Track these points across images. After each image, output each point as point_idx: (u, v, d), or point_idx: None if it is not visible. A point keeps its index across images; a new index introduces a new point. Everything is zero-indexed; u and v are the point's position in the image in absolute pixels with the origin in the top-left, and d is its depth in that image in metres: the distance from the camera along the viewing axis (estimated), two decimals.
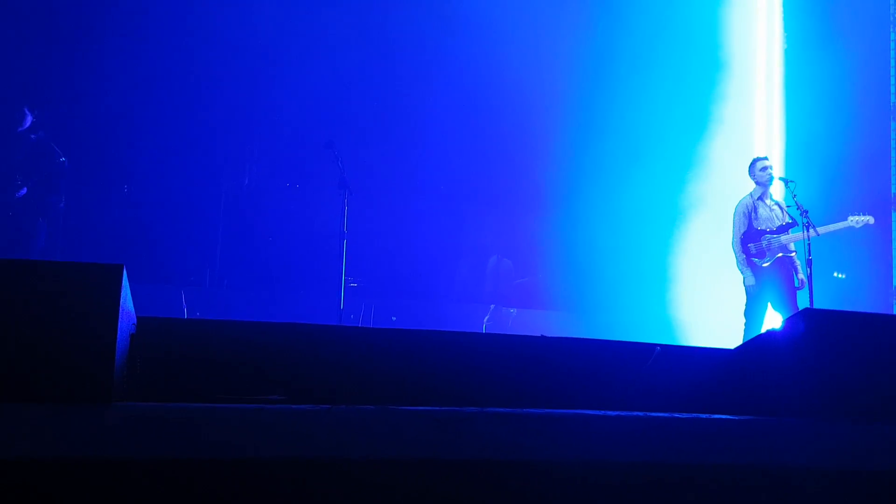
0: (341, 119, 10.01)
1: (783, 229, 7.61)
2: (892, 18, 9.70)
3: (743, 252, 7.66)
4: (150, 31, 9.29)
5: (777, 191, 8.15)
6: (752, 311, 7.62)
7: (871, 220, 7.58)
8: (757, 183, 7.83)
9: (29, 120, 7.74)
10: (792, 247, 7.54)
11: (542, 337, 4.38)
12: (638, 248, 10.03)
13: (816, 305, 7.13)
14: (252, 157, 9.63)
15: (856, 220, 7.57)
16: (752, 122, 10.78)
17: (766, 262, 7.56)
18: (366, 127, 10.47)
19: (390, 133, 9.91)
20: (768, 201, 7.80)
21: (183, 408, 3.16)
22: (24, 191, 7.56)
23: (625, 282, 9.90)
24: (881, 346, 3.88)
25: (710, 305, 9.97)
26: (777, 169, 8.73)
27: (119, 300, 3.21)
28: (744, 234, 7.68)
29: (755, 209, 7.72)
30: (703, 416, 3.60)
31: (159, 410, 3.13)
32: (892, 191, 9.41)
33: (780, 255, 7.57)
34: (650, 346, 4.21)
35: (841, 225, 7.61)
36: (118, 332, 3.20)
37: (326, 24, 10.15)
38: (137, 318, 3.53)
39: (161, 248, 8.86)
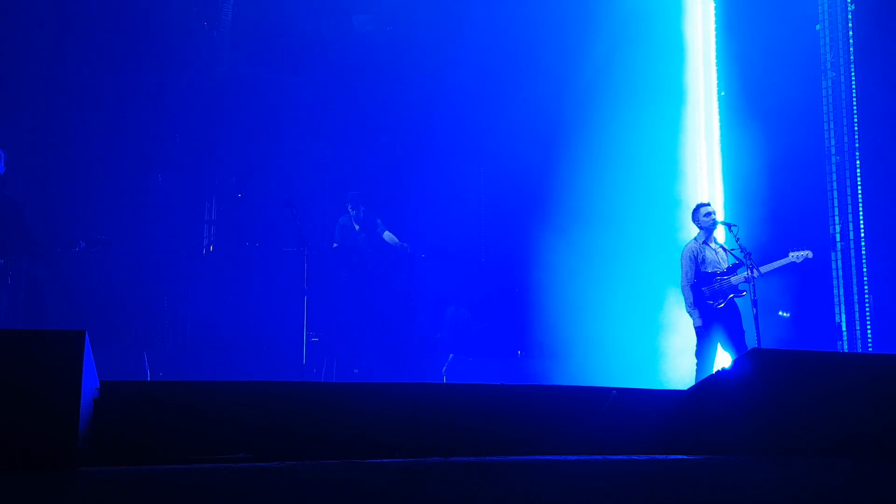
0: (299, 177, 10.09)
1: (731, 271, 7.85)
2: (822, 66, 10.12)
3: (694, 295, 7.86)
4: (106, 93, 9.28)
5: (720, 235, 8.41)
6: (703, 352, 7.80)
7: (809, 254, 7.89)
8: (701, 228, 8.07)
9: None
10: (742, 287, 7.77)
11: (502, 385, 4.45)
12: (590, 295, 10.18)
13: (763, 345, 7.32)
14: (211, 217, 9.63)
15: (796, 256, 7.87)
16: (695, 171, 11.09)
17: (721, 303, 7.79)
18: (323, 184, 10.57)
19: (347, 189, 10.00)
20: (713, 245, 8.05)
21: (148, 471, 3.16)
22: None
23: (581, 328, 10.04)
24: (826, 382, 4.04)
25: (665, 347, 10.16)
26: (719, 214, 9.01)
27: (81, 366, 3.22)
28: (695, 278, 7.89)
29: (701, 253, 7.96)
30: (661, 457, 3.69)
31: (125, 475, 3.13)
32: (831, 230, 9.74)
33: (731, 295, 7.80)
34: (606, 390, 4.30)
35: (783, 261, 7.89)
36: (82, 398, 3.20)
37: (285, 87, 10.31)
38: (101, 382, 3.54)
39: (122, 309, 8.78)
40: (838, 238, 9.72)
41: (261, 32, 10.22)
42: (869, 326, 9.33)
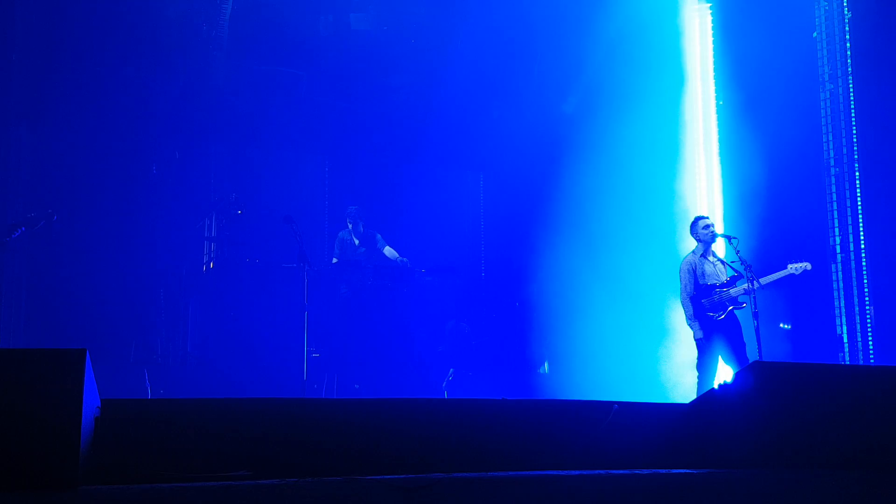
0: (298, 192, 10.11)
1: (731, 283, 7.85)
2: (821, 78, 10.14)
3: (694, 307, 7.85)
4: (102, 117, 9.32)
5: (719, 248, 8.40)
6: (705, 364, 7.78)
7: (808, 266, 7.88)
8: (699, 241, 8.07)
9: None
10: (742, 299, 7.77)
11: (503, 400, 4.44)
12: (591, 308, 10.18)
13: (764, 357, 7.31)
14: (211, 234, 9.62)
15: (795, 267, 7.86)
16: (694, 182, 11.09)
17: (721, 315, 7.78)
18: (322, 199, 10.59)
19: (347, 204, 10.01)
20: (711, 258, 8.04)
21: (149, 489, 3.16)
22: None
23: (582, 341, 10.03)
24: (828, 395, 4.03)
25: (666, 360, 10.16)
26: (718, 226, 9.01)
27: (82, 385, 3.22)
28: (694, 290, 7.89)
29: (700, 266, 7.96)
30: (663, 471, 3.68)
31: (126, 493, 3.12)
32: (831, 242, 9.74)
33: (731, 307, 7.80)
34: (608, 404, 4.29)
35: (782, 273, 7.89)
36: (83, 417, 3.20)
37: (280, 90, 10.33)
38: (102, 400, 3.53)
39: (123, 327, 8.79)
40: (838, 249, 9.72)
41: (258, 31, 10.22)
42: (870, 338, 9.31)
